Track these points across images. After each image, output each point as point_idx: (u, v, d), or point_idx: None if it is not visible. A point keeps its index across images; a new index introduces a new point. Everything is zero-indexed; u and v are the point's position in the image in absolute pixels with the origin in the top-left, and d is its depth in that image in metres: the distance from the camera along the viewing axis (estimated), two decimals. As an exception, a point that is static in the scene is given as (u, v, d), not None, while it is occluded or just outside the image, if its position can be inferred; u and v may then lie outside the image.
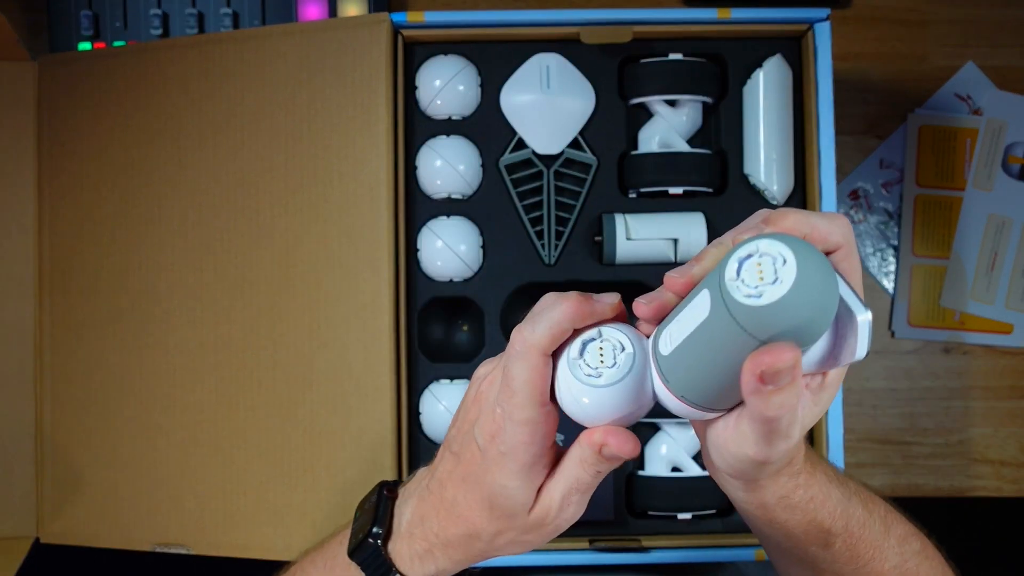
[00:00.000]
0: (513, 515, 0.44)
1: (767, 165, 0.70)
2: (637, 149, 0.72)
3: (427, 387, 0.71)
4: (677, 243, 0.70)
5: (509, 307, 0.72)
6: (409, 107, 0.72)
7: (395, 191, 0.69)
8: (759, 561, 0.68)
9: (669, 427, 0.70)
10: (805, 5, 0.68)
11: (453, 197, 0.71)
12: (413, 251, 0.71)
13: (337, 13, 0.81)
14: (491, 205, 0.72)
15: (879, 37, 0.86)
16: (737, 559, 0.69)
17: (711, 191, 0.72)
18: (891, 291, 0.86)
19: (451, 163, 0.70)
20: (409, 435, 0.70)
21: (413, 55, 0.72)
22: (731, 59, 0.72)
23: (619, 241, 0.69)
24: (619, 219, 0.70)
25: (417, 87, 0.72)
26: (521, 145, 0.72)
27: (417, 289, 0.71)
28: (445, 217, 0.71)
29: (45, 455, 0.74)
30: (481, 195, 0.72)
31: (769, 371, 0.34)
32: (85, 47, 0.82)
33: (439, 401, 0.69)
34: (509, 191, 0.71)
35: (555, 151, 0.71)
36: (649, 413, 0.57)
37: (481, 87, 0.72)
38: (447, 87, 0.71)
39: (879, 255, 0.86)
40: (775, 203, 0.71)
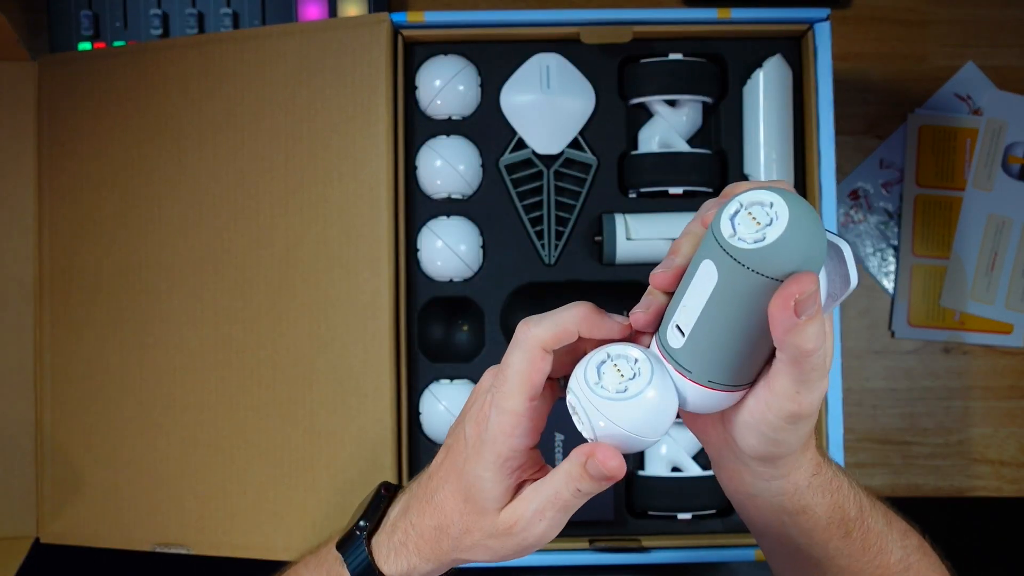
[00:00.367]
0: (483, 511, 0.44)
1: (767, 165, 0.70)
2: (637, 149, 0.72)
3: (427, 387, 0.71)
4: (677, 243, 0.70)
5: (509, 307, 0.72)
6: (409, 107, 0.72)
7: (395, 191, 0.69)
8: (759, 561, 0.68)
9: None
10: (805, 5, 0.68)
11: (453, 197, 0.71)
12: (413, 251, 0.71)
13: (337, 13, 0.81)
14: (491, 205, 0.72)
15: (879, 37, 0.86)
16: (737, 559, 0.69)
17: (711, 191, 0.72)
18: (891, 291, 0.86)
19: (451, 163, 0.70)
20: (409, 435, 0.70)
21: (413, 55, 0.72)
22: (731, 59, 0.72)
23: (619, 241, 0.69)
24: (619, 219, 0.70)
25: (417, 87, 0.72)
26: (521, 145, 0.72)
27: (417, 289, 0.71)
28: (445, 217, 0.71)
29: (45, 455, 0.74)
30: (481, 195, 0.72)
31: (801, 299, 0.35)
32: (85, 47, 0.82)
33: (439, 401, 0.69)
34: (509, 191, 0.71)
35: (555, 151, 0.71)
36: None
37: (481, 87, 0.72)
38: (447, 87, 0.71)
39: (879, 255, 0.86)
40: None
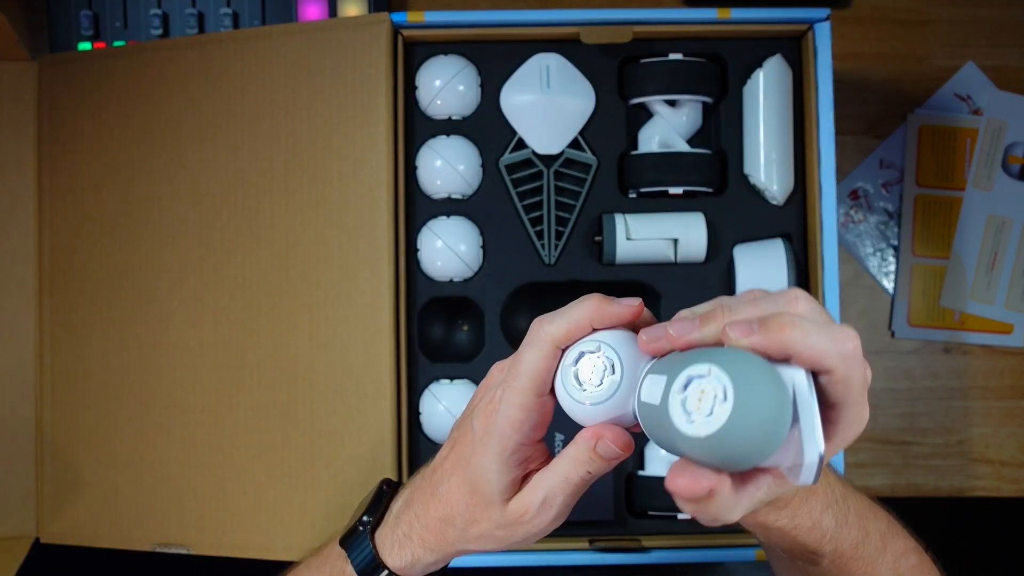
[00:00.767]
0: (489, 502, 0.45)
1: (767, 165, 0.70)
2: (637, 149, 0.72)
3: (427, 387, 0.71)
4: (677, 243, 0.70)
5: (509, 307, 0.72)
6: (409, 107, 0.72)
7: (395, 191, 0.69)
8: (759, 561, 0.68)
9: (669, 427, 0.70)
10: (805, 5, 0.68)
11: (453, 197, 0.71)
12: (413, 251, 0.71)
13: (337, 13, 0.81)
14: (491, 205, 0.72)
15: (879, 37, 0.86)
16: (736, 559, 0.69)
17: (711, 191, 0.72)
18: (891, 291, 0.86)
19: (451, 163, 0.70)
20: (409, 435, 0.70)
21: (413, 55, 0.72)
22: (731, 59, 0.72)
23: (619, 241, 0.69)
24: (619, 219, 0.70)
25: (417, 87, 0.72)
26: (521, 145, 0.72)
27: (417, 289, 0.71)
28: (445, 217, 0.71)
29: (45, 455, 0.74)
30: (481, 195, 0.72)
31: (683, 496, 0.35)
32: (85, 47, 0.82)
33: (439, 401, 0.69)
34: (509, 191, 0.71)
35: (555, 151, 0.71)
36: None
37: (481, 87, 0.72)
38: (447, 87, 0.71)
39: (879, 255, 0.86)
40: (775, 203, 0.71)
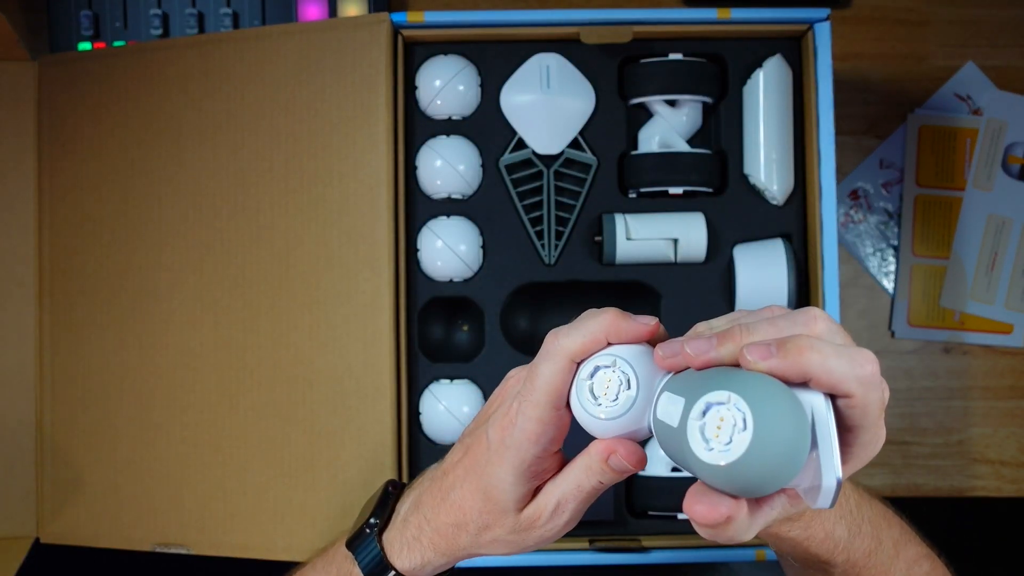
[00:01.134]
0: (504, 511, 0.45)
1: (767, 165, 0.70)
2: (637, 149, 0.72)
3: (427, 387, 0.71)
4: (677, 243, 0.70)
5: (509, 307, 0.72)
6: (409, 107, 0.72)
7: (395, 191, 0.69)
8: (759, 561, 0.68)
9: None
10: (805, 5, 0.68)
11: (453, 197, 0.71)
12: (413, 251, 0.71)
13: (337, 13, 0.81)
14: (491, 205, 0.72)
15: (879, 37, 0.86)
16: (736, 559, 0.69)
17: (711, 191, 0.72)
18: (891, 291, 0.86)
19: (451, 163, 0.70)
20: (409, 435, 0.70)
21: (413, 55, 0.72)
22: (731, 59, 0.72)
23: (619, 241, 0.69)
24: (619, 219, 0.70)
25: (417, 87, 0.72)
26: (521, 145, 0.72)
27: (417, 289, 0.71)
28: (445, 217, 0.71)
29: (45, 455, 0.74)
30: (481, 195, 0.72)
31: (700, 524, 0.35)
32: (85, 47, 0.82)
33: (439, 401, 0.69)
34: (509, 191, 0.71)
35: (555, 151, 0.71)
36: None
37: (481, 87, 0.72)
38: (447, 87, 0.71)
39: (879, 255, 0.86)
40: (775, 203, 0.71)
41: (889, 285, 0.86)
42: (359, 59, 0.69)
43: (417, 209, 0.72)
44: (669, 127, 0.71)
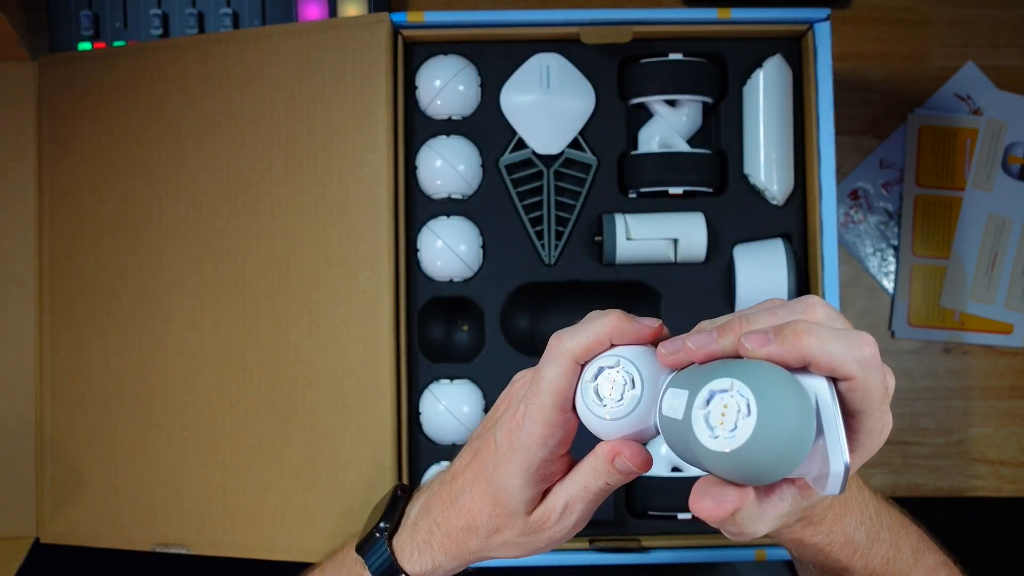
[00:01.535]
0: (514, 514, 0.45)
1: (767, 165, 0.70)
2: (637, 149, 0.72)
3: (427, 387, 0.71)
4: (677, 243, 0.70)
5: (509, 307, 0.72)
6: (409, 107, 0.72)
7: (395, 191, 0.69)
8: (759, 561, 0.68)
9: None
10: (805, 5, 0.68)
11: (453, 197, 0.71)
12: (413, 251, 0.71)
13: (337, 13, 0.81)
14: (491, 205, 0.72)
15: (879, 37, 0.86)
16: (737, 559, 0.69)
17: (711, 191, 0.72)
18: (891, 291, 0.86)
19: (451, 163, 0.70)
20: (409, 435, 0.70)
21: (413, 55, 0.72)
22: (731, 59, 0.72)
23: (619, 241, 0.69)
24: (619, 219, 0.70)
25: (417, 87, 0.72)
26: (521, 145, 0.72)
27: (417, 289, 0.71)
28: (445, 217, 0.71)
29: (45, 455, 0.74)
30: (481, 195, 0.72)
31: (707, 520, 0.35)
32: (85, 47, 0.82)
33: (439, 401, 0.69)
34: (509, 191, 0.71)
35: (555, 151, 0.71)
36: None
37: (481, 87, 0.72)
38: (447, 87, 0.71)
39: (879, 255, 0.86)
40: (775, 203, 0.71)
41: (889, 285, 0.86)
42: (359, 59, 0.69)
43: (417, 209, 0.72)
44: (669, 127, 0.71)
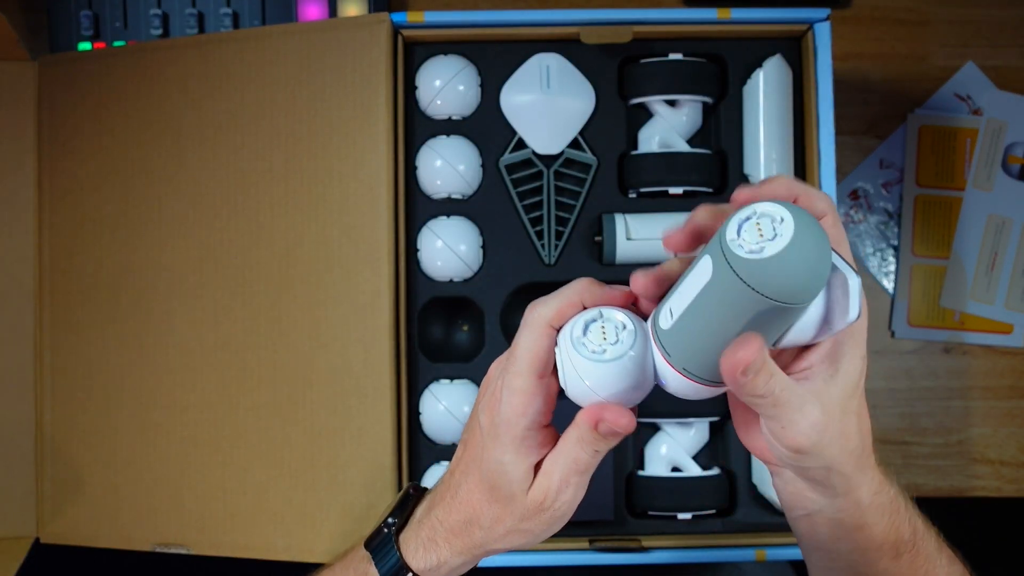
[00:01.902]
0: (511, 496, 0.45)
1: (767, 165, 0.70)
2: (637, 149, 0.72)
3: (427, 387, 0.71)
4: (677, 243, 0.70)
5: (509, 307, 0.72)
6: (409, 107, 0.72)
7: (395, 191, 0.69)
8: (759, 561, 0.68)
9: (669, 427, 0.70)
10: (805, 5, 0.68)
11: (453, 197, 0.71)
12: (413, 251, 0.71)
13: (337, 13, 0.81)
14: (491, 205, 0.72)
15: (879, 37, 0.86)
16: (737, 559, 0.69)
17: (711, 191, 0.72)
18: (891, 291, 0.86)
19: (451, 163, 0.70)
20: (409, 435, 0.70)
21: (413, 55, 0.72)
22: (731, 59, 0.72)
23: (619, 241, 0.69)
24: (619, 219, 0.70)
25: (417, 87, 0.72)
26: (521, 145, 0.72)
27: (417, 289, 0.71)
28: (445, 217, 0.71)
29: (45, 455, 0.74)
30: (481, 195, 0.72)
31: (745, 365, 0.37)
32: (85, 47, 0.82)
33: (439, 401, 0.69)
34: (509, 191, 0.71)
35: (555, 151, 0.71)
36: (651, 412, 0.57)
37: (481, 87, 0.72)
38: (447, 87, 0.71)
39: (879, 255, 0.86)
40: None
41: (889, 285, 0.86)
42: (359, 59, 0.69)
43: (417, 209, 0.72)
44: (669, 127, 0.71)
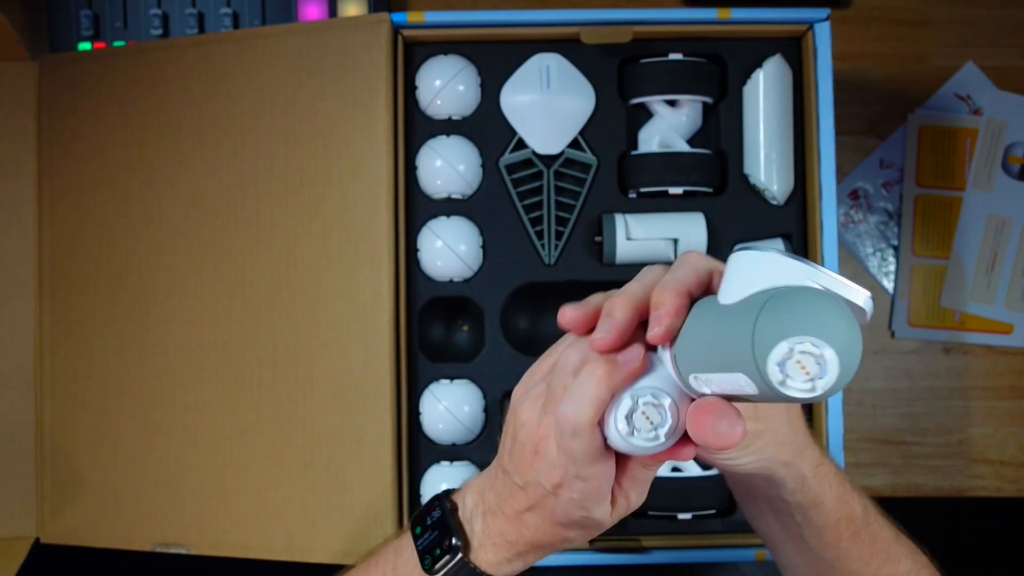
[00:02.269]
0: (599, 525, 0.46)
1: (767, 165, 0.70)
2: (637, 149, 0.72)
3: (427, 387, 0.71)
4: (677, 243, 0.70)
5: (509, 307, 0.72)
6: (409, 107, 0.72)
7: (395, 191, 0.69)
8: (759, 561, 0.68)
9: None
10: (805, 5, 0.68)
11: (453, 197, 0.71)
12: (413, 251, 0.71)
13: (337, 13, 0.81)
14: (491, 205, 0.72)
15: (879, 37, 0.86)
16: (737, 559, 0.69)
17: (711, 191, 0.72)
18: (891, 291, 0.86)
19: (451, 163, 0.70)
20: (409, 435, 0.70)
21: (413, 55, 0.72)
22: (731, 59, 0.72)
23: (619, 241, 0.69)
24: (619, 219, 0.70)
25: (417, 87, 0.72)
26: (521, 145, 0.72)
27: (417, 289, 0.71)
28: (445, 217, 0.71)
29: (45, 455, 0.74)
30: (481, 195, 0.72)
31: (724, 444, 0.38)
32: (85, 47, 0.82)
33: (439, 401, 0.69)
34: (509, 191, 0.71)
35: (555, 151, 0.71)
36: None
37: (481, 87, 0.72)
38: (447, 87, 0.71)
39: (879, 255, 0.86)
40: (775, 203, 0.71)
41: (889, 285, 0.86)
42: (359, 59, 0.69)
43: (417, 209, 0.72)
44: (669, 127, 0.71)
